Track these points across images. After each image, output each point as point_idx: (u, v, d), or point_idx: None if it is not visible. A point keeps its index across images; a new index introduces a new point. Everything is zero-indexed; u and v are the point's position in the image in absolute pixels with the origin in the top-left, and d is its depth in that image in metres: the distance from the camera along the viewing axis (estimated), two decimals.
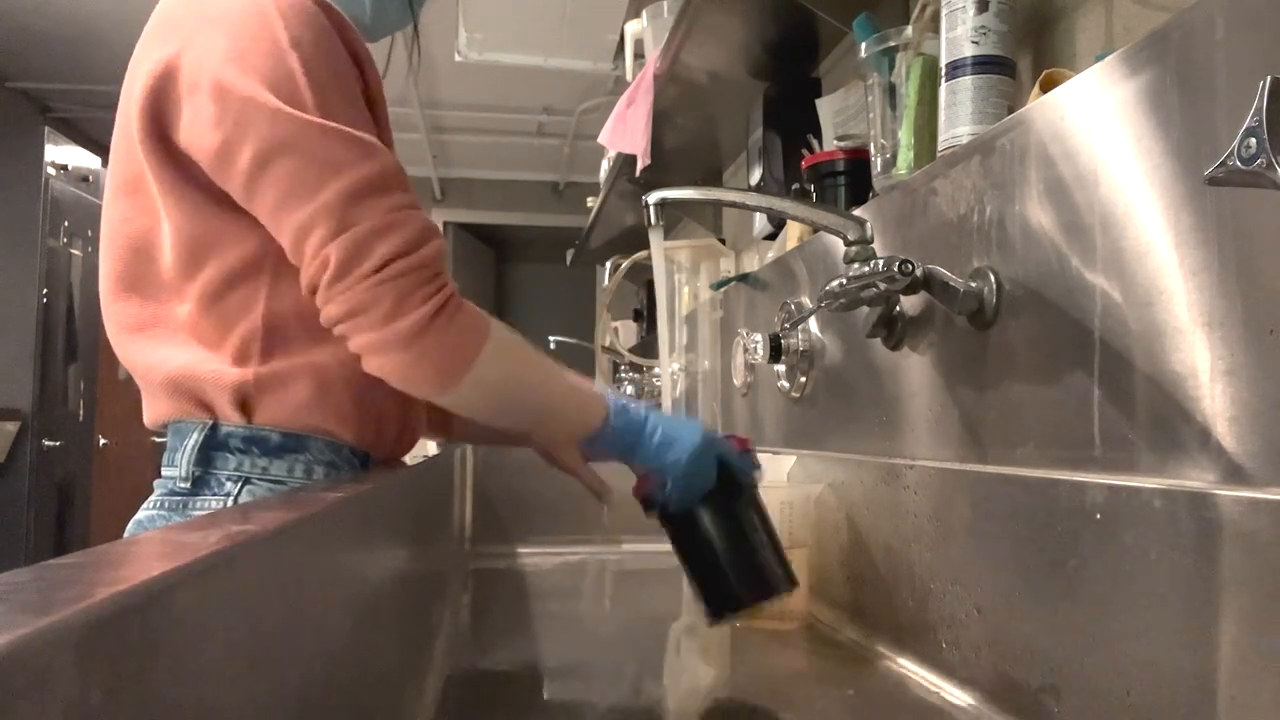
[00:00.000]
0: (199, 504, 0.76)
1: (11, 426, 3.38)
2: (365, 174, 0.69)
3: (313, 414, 0.78)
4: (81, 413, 3.82)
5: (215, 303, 0.77)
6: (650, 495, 0.80)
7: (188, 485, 0.76)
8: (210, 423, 0.77)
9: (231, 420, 0.77)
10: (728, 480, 0.80)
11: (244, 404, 0.77)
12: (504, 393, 0.76)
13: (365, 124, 0.73)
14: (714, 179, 2.23)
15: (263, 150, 0.69)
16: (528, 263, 6.22)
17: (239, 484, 0.76)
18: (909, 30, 0.99)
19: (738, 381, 1.55)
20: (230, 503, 0.76)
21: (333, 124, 0.69)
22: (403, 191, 0.71)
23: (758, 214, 1.73)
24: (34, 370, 3.47)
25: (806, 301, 1.24)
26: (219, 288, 0.76)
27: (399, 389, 0.73)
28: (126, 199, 0.79)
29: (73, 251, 3.76)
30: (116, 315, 0.80)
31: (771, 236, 1.61)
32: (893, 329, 0.95)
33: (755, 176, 1.65)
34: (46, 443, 3.52)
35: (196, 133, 0.71)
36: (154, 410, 0.81)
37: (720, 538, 0.79)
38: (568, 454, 0.86)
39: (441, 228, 5.04)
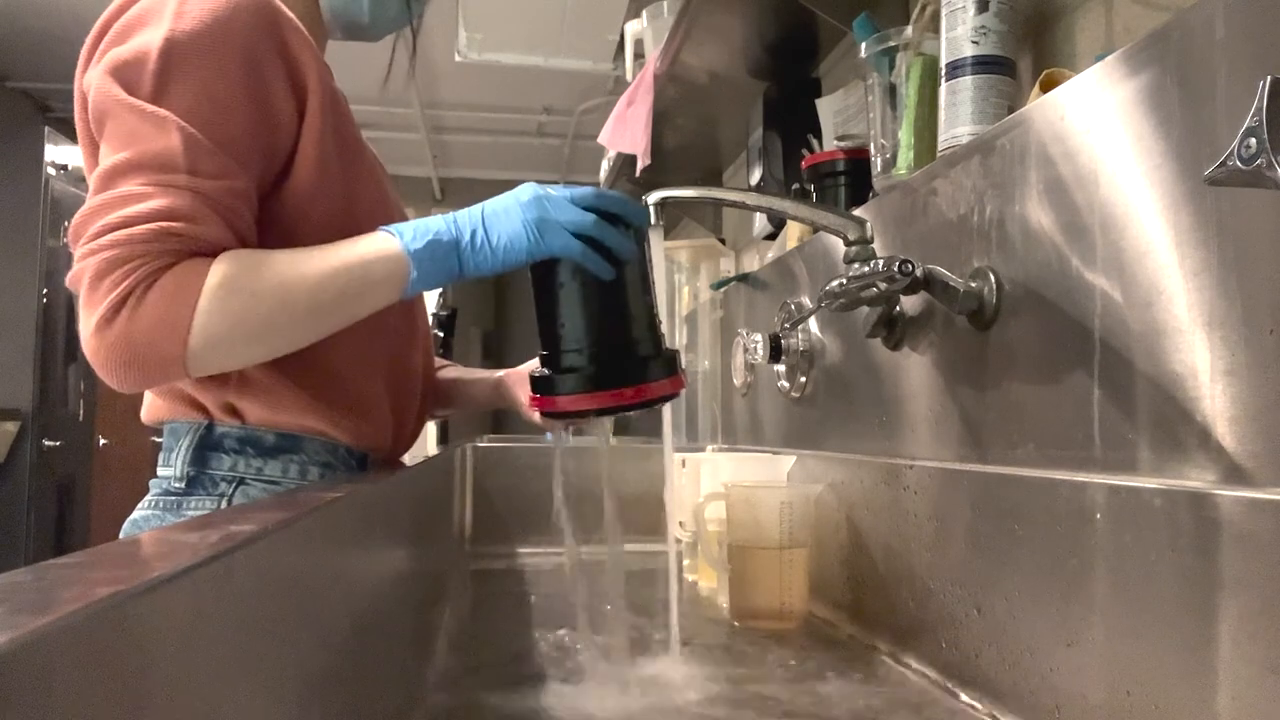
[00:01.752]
0: (193, 504, 0.76)
1: (11, 426, 3.38)
2: (144, 148, 0.67)
3: (306, 416, 0.78)
4: (81, 413, 3.82)
5: None
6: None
7: (182, 485, 0.76)
8: (205, 423, 0.77)
9: (226, 421, 0.77)
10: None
11: (234, 409, 0.77)
12: (253, 330, 0.68)
13: (212, 109, 0.70)
14: (714, 179, 2.23)
15: (94, 121, 0.71)
16: None
17: (233, 484, 0.76)
18: (909, 30, 0.99)
19: (738, 381, 1.55)
20: (224, 503, 0.76)
21: (135, 101, 0.68)
22: (181, 173, 0.67)
23: (758, 214, 1.73)
24: (34, 370, 3.47)
25: (806, 301, 1.24)
26: None
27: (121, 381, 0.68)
28: None
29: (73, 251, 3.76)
30: None
31: (771, 236, 1.61)
32: (893, 329, 0.95)
33: (755, 176, 1.65)
34: (46, 443, 3.52)
35: None
36: (151, 408, 0.81)
37: (584, 305, 0.68)
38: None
39: None
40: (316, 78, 0.77)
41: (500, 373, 1.06)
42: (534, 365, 0.74)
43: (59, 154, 3.65)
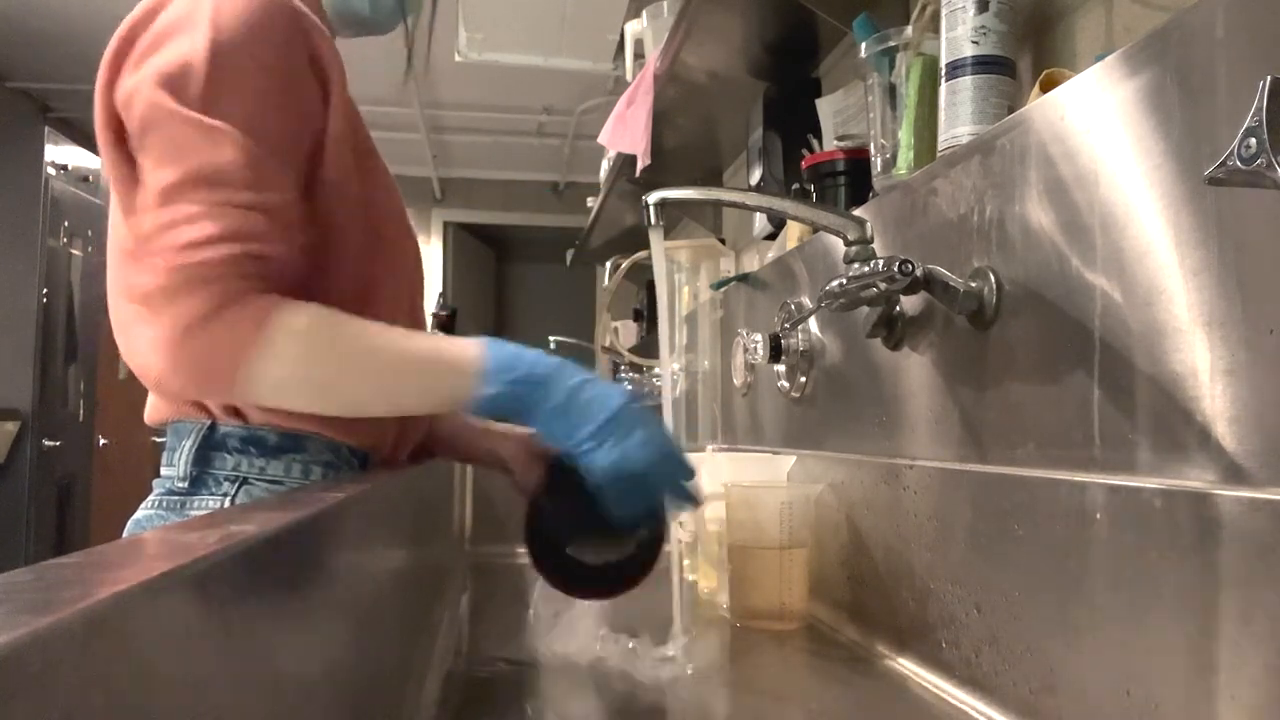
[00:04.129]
0: (196, 504, 0.76)
1: (11, 426, 3.38)
2: (201, 163, 0.67)
3: (308, 416, 0.78)
4: (81, 413, 3.82)
5: None
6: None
7: (185, 485, 0.76)
8: (208, 423, 0.77)
9: (228, 420, 0.77)
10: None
11: (237, 408, 0.77)
12: (302, 386, 0.70)
13: (264, 117, 0.70)
14: (714, 179, 2.23)
15: (136, 132, 0.69)
16: (528, 263, 6.22)
17: (236, 484, 0.76)
18: (909, 30, 0.99)
19: (738, 381, 1.55)
20: (228, 503, 0.76)
21: (188, 112, 0.68)
22: (245, 189, 0.68)
23: (758, 214, 1.73)
24: (34, 370, 3.47)
25: (806, 301, 1.24)
26: None
27: (177, 390, 0.70)
28: None
29: (73, 251, 3.76)
30: (118, 314, 0.81)
31: (771, 236, 1.61)
32: (893, 329, 0.95)
33: (755, 176, 1.65)
34: (46, 443, 3.52)
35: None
36: (154, 409, 0.81)
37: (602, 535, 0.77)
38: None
39: (441, 228, 5.04)
40: (339, 77, 0.79)
41: (497, 430, 0.98)
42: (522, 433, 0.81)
43: (59, 154, 3.65)
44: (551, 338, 3.19)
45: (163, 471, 0.79)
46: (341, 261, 0.79)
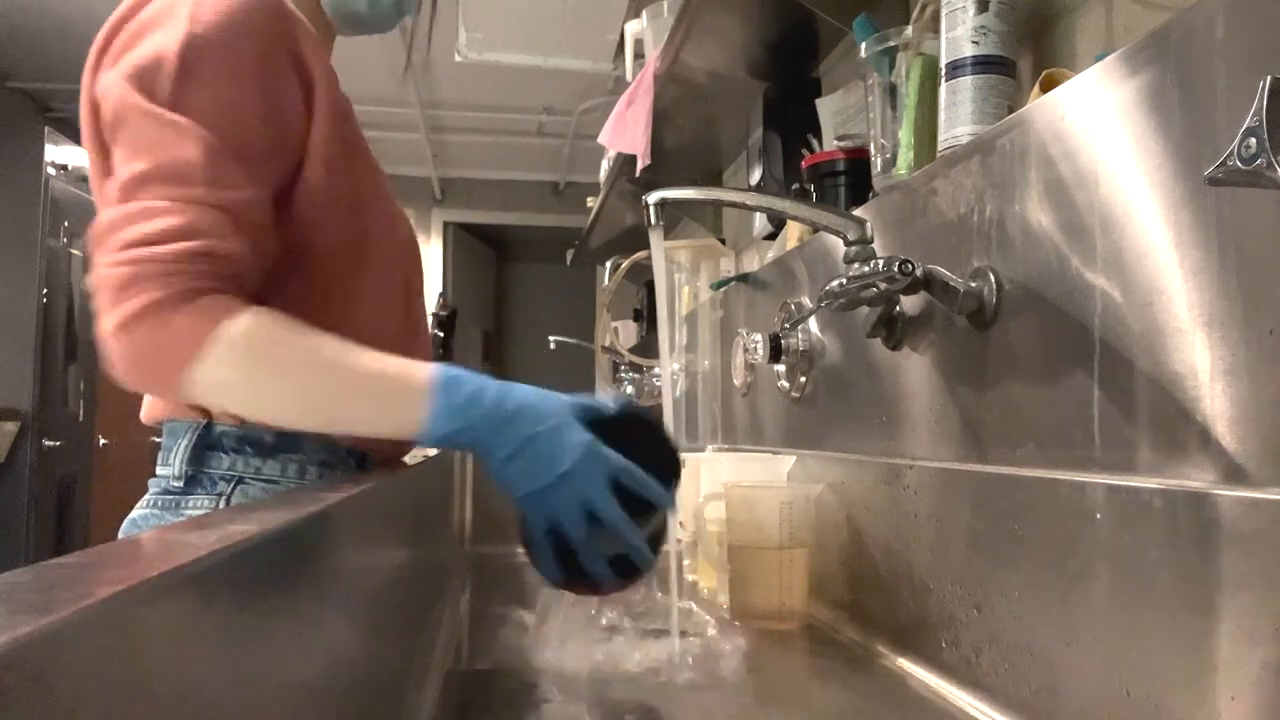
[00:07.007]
0: (192, 503, 0.76)
1: (11, 426, 3.38)
2: (164, 158, 0.67)
3: None
4: (81, 413, 3.82)
5: None
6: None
7: (181, 484, 0.76)
8: (204, 422, 0.77)
9: (224, 419, 0.77)
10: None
11: None
12: (240, 392, 0.68)
13: (234, 114, 0.70)
14: (714, 179, 2.23)
15: (109, 125, 0.70)
16: (528, 263, 6.22)
17: (232, 484, 0.76)
18: (909, 30, 0.99)
19: (738, 381, 1.55)
20: (223, 502, 0.76)
21: (154, 107, 0.68)
22: (205, 185, 0.67)
23: (758, 214, 1.73)
24: (34, 370, 3.47)
25: (806, 301, 1.24)
26: None
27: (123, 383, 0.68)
28: None
29: (73, 251, 3.76)
30: None
31: (771, 236, 1.61)
32: (893, 329, 0.95)
33: (755, 176, 1.65)
34: (46, 443, 3.52)
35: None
36: (150, 407, 0.81)
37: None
38: None
39: (441, 228, 5.04)
40: (323, 77, 0.78)
41: None
42: None
43: (59, 154, 3.65)
44: (551, 338, 3.19)
45: (158, 471, 0.79)
46: (320, 264, 0.79)
